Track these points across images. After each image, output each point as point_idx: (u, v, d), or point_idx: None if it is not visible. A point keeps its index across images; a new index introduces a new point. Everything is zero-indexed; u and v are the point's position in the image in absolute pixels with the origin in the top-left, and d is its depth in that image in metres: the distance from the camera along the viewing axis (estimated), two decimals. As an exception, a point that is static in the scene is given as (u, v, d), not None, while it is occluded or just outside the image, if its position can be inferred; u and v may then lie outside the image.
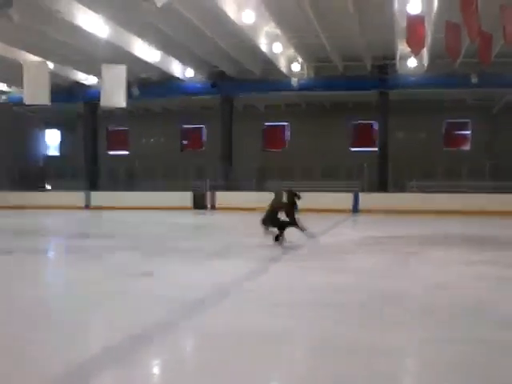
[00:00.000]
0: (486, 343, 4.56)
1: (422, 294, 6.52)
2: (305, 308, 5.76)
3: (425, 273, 8.13)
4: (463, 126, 30.61)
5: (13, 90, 29.03)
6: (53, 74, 22.60)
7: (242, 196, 25.94)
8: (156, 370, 4.11)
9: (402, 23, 16.80)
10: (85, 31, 19.14)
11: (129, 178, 30.64)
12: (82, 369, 3.95)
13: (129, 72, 21.51)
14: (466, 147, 30.34)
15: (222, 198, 26.26)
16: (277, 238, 11.31)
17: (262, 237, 12.29)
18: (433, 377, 3.92)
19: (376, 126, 29.76)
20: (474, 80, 24.27)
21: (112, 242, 12.26)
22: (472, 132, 30.28)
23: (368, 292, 6.61)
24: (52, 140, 36.41)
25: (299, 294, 6.46)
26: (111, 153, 34.79)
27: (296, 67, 24.93)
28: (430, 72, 24.83)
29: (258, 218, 11.62)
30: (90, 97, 27.76)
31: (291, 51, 24.12)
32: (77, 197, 27.68)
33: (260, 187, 28.50)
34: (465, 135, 30.60)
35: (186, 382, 3.77)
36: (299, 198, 11.57)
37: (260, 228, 11.49)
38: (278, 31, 21.15)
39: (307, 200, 12.26)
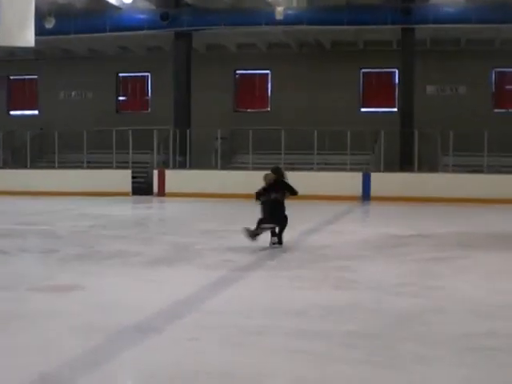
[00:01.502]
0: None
1: (458, 321, 6.51)
2: (288, 339, 5.70)
3: (464, 289, 8.15)
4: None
5: None
6: None
7: (202, 177, 25.89)
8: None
9: None
10: None
11: (40, 151, 30.26)
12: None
13: (39, -4, 21.13)
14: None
15: (175, 179, 26.18)
16: (256, 234, 11.34)
17: (232, 236, 12.22)
18: None
19: (397, 78, 29.75)
20: (537, 13, 24.33)
21: (15, 242, 12.06)
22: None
23: (380, 316, 6.59)
24: None
25: (281, 319, 6.40)
26: (14, 113, 34.31)
27: (283, -9, 24.77)
28: (473, 1, 24.81)
29: (225, 207, 11.57)
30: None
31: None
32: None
33: (229, 164, 28.42)
34: (523, 91, 30.78)
35: None
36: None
37: (231, 223, 11.43)
38: None
39: (298, 182, 12.21)
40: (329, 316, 6.55)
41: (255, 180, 11.82)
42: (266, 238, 11.34)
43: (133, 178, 26.77)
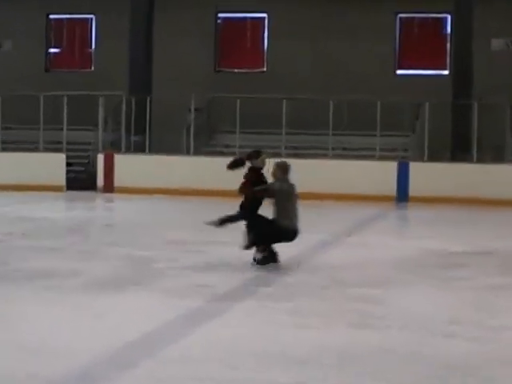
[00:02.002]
0: None
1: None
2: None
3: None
4: None
5: None
6: None
7: (168, 166, 25.81)
8: None
9: None
10: None
11: None
12: None
13: None
14: None
15: (129, 168, 26.11)
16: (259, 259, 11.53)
17: (210, 249, 12.20)
18: None
19: (449, 27, 29.72)
20: None
21: None
22: None
23: (418, 367, 6.56)
24: None
25: (277, 369, 6.38)
26: None
27: None
28: None
29: (201, 208, 11.61)
30: None
31: None
32: None
33: (207, 148, 28.37)
34: None
35: None
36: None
37: (209, 232, 11.48)
38: None
39: (305, 175, 12.24)
40: (344, 366, 6.52)
41: (244, 170, 11.81)
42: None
43: (68, 165, 26.60)
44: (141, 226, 17.58)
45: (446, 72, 29.61)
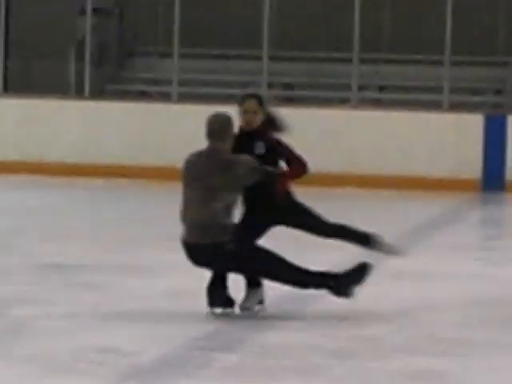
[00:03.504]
0: None
1: None
2: None
3: None
4: None
5: None
6: None
7: (40, 119, 25.95)
8: None
9: None
10: None
11: None
12: None
13: None
14: None
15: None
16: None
17: (121, 281, 12.31)
18: None
19: None
20: None
21: None
22: None
23: None
24: None
25: None
26: None
27: None
28: None
29: (101, 203, 11.77)
30: None
31: None
32: None
33: (118, 84, 28.62)
34: None
35: None
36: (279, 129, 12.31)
37: (117, 247, 11.59)
38: None
39: (314, 141, 12.27)
40: None
41: (187, 128, 11.83)
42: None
43: None
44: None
45: None
